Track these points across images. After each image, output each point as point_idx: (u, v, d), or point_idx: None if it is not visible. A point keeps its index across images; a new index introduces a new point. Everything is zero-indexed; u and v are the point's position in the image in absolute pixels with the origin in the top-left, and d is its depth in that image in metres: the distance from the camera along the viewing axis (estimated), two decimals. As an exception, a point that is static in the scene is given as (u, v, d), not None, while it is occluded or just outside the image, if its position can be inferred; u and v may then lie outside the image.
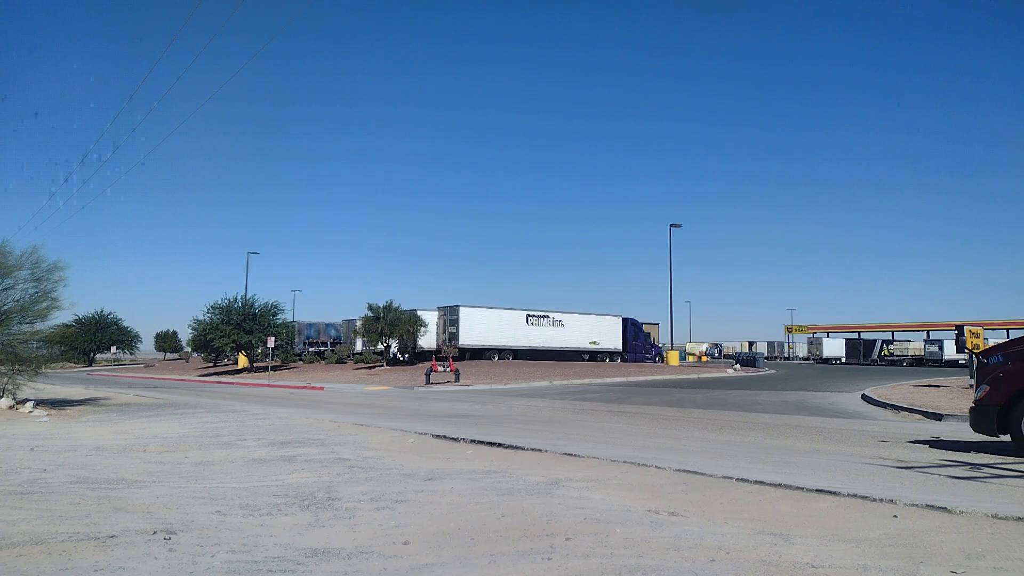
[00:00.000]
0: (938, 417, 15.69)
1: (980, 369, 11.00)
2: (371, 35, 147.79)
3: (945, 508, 6.07)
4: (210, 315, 48.64)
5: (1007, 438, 10.18)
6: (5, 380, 17.97)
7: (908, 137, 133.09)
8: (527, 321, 47.91)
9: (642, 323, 55.91)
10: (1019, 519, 5.71)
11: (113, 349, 77.38)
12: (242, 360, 53.08)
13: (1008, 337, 35.04)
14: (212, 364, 60.00)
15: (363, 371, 41.33)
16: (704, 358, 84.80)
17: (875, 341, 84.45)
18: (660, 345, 58.77)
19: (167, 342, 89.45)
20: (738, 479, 7.59)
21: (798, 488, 7.04)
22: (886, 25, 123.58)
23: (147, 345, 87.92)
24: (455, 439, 11.29)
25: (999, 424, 10.09)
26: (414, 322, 43.81)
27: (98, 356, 79.74)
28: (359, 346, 48.26)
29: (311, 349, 58.06)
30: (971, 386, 19.83)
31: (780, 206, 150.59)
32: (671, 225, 46.51)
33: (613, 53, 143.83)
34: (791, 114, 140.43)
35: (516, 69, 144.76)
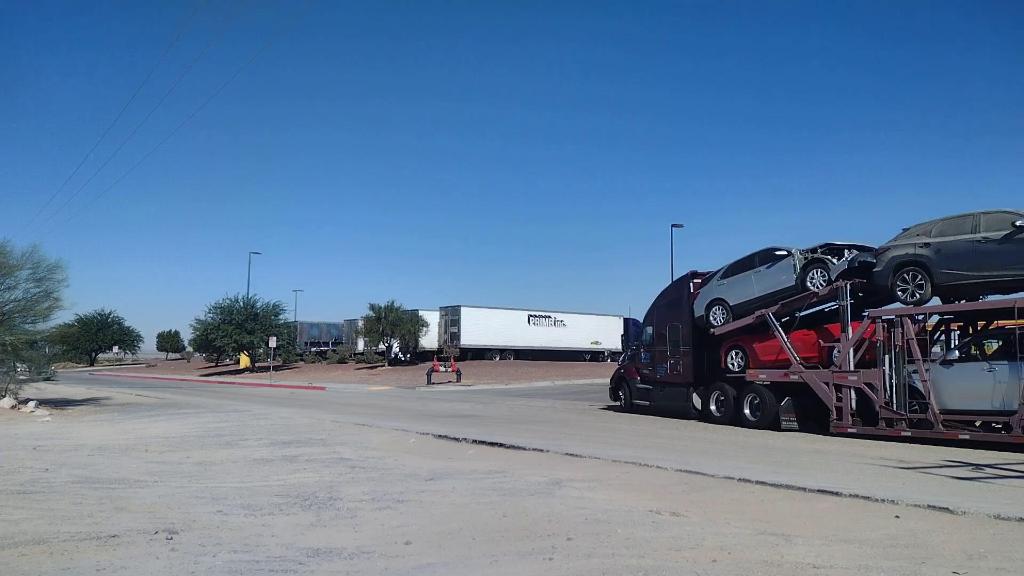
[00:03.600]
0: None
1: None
2: (371, 33, 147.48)
3: (947, 508, 6.06)
4: (212, 315, 48.64)
5: (618, 403, 17.86)
6: (7, 380, 17.99)
7: (909, 138, 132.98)
8: (529, 321, 47.83)
9: (644, 323, 55.88)
10: (1021, 519, 5.70)
11: (115, 349, 77.23)
12: (244, 360, 53.03)
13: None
14: (214, 364, 59.98)
15: (365, 371, 41.35)
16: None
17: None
18: (661, 345, 58.57)
19: (169, 342, 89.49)
20: (740, 479, 7.58)
21: (800, 488, 7.04)
22: (886, 25, 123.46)
23: (149, 345, 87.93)
24: (457, 439, 11.29)
25: (614, 395, 18.12)
26: (416, 322, 43.78)
27: (100, 356, 79.69)
28: (361, 346, 48.19)
29: (313, 349, 57.97)
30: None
31: (780, 206, 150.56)
32: (673, 225, 46.25)
33: (614, 53, 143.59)
34: (791, 114, 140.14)
35: (517, 68, 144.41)
